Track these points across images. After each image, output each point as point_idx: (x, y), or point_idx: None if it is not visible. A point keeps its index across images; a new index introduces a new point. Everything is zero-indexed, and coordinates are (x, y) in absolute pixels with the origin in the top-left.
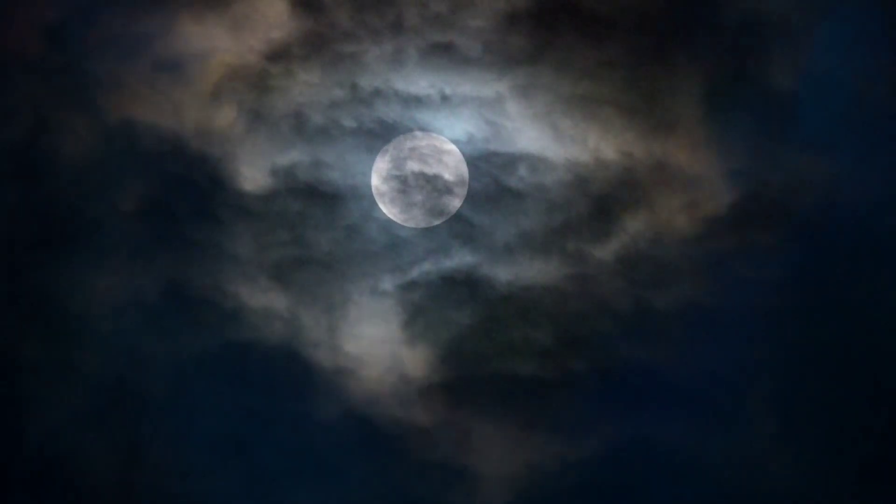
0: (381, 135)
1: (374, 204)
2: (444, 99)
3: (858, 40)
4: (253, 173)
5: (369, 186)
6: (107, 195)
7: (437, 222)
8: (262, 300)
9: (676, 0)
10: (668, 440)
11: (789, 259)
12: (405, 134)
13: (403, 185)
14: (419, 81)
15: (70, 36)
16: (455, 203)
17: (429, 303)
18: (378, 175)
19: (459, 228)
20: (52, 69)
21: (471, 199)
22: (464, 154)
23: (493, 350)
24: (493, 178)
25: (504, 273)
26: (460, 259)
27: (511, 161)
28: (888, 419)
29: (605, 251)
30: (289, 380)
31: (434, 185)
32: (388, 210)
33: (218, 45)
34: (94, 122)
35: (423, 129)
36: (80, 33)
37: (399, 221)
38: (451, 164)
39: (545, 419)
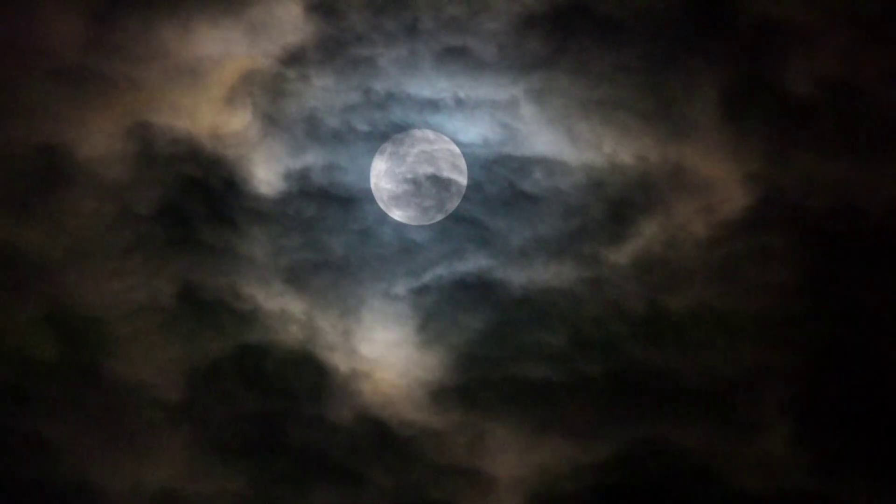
0: (407, 142)
1: (388, 207)
2: (459, 102)
3: (873, 44)
4: (267, 177)
5: (381, 189)
6: (122, 198)
7: (438, 218)
8: (278, 303)
9: (693, 4)
10: (681, 444)
11: (804, 263)
12: (406, 136)
13: (406, 185)
14: (433, 85)
15: (85, 39)
16: (454, 200)
17: (443, 306)
18: (382, 177)
19: (474, 232)
20: (67, 72)
21: (485, 202)
22: (479, 157)
23: (506, 353)
24: (507, 181)
25: (518, 276)
26: (475, 263)
27: (526, 164)
28: None
29: (619, 254)
30: (304, 382)
31: (433, 184)
32: (388, 209)
33: (233, 49)
34: (109, 125)
35: (436, 132)
36: (96, 36)
37: (399, 219)
38: (450, 162)
39: (558, 422)
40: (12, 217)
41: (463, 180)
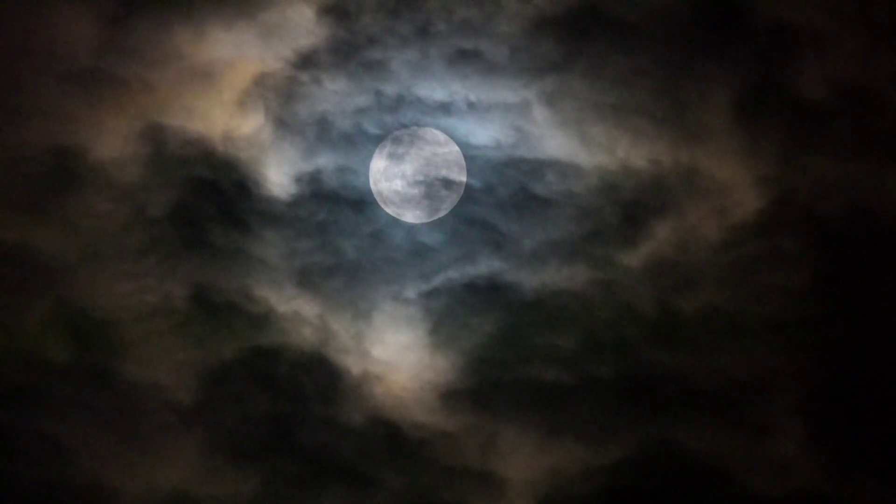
0: (405, 140)
1: (398, 210)
2: (471, 105)
3: (887, 47)
4: (279, 179)
5: (389, 192)
6: (135, 200)
7: (439, 215)
8: (290, 306)
9: (706, 8)
10: (693, 446)
11: (817, 266)
12: (411, 137)
13: (412, 187)
14: (445, 88)
15: (99, 41)
16: (454, 198)
17: (454, 309)
18: (387, 179)
19: (485, 235)
20: (80, 74)
21: (497, 205)
22: (490, 160)
23: (518, 356)
24: (520, 184)
25: (530, 279)
26: (486, 266)
27: (538, 168)
28: None
29: (632, 258)
30: (316, 385)
31: (435, 183)
32: (388, 207)
33: (246, 51)
34: (122, 127)
35: (448, 134)
36: (109, 39)
37: (400, 219)
38: (452, 162)
39: (570, 425)
40: (25, 218)
41: (463, 178)
